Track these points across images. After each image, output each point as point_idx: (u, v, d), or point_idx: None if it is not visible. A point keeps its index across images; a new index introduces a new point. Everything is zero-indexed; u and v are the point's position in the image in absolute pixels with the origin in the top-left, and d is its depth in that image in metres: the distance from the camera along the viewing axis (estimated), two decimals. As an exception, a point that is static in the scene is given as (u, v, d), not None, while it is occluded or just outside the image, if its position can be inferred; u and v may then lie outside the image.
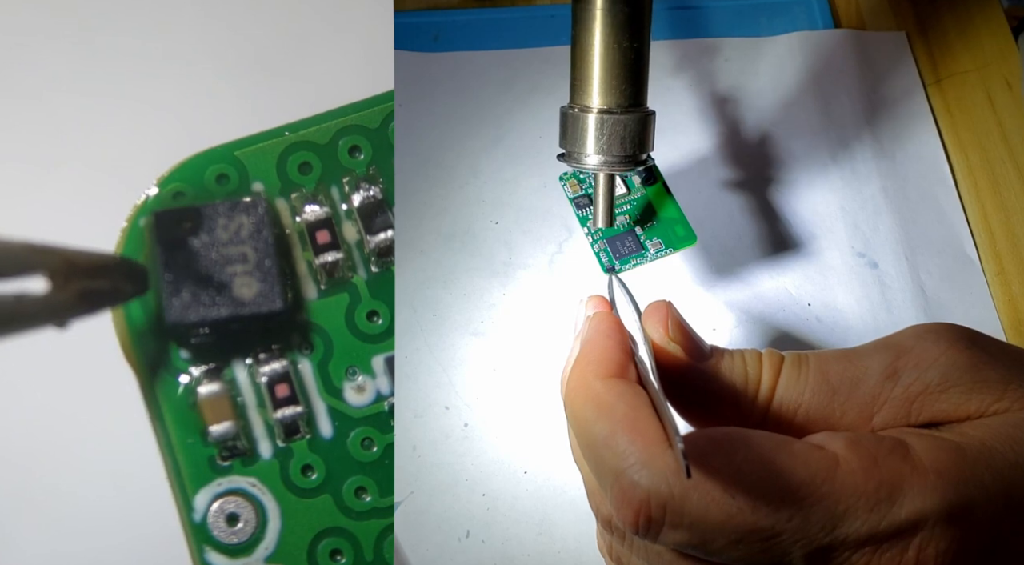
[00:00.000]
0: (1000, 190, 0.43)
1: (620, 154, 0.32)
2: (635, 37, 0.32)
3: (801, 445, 0.24)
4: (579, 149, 0.33)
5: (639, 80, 0.32)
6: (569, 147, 0.33)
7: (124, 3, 0.37)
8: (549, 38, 0.48)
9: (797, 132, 0.44)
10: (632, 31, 0.31)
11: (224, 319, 0.29)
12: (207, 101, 0.37)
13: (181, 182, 0.30)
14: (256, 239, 0.29)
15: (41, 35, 0.36)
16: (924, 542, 0.23)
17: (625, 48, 0.31)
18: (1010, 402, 0.25)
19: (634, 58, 0.32)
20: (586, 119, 0.32)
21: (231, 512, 0.29)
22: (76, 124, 0.36)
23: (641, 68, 0.32)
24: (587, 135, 0.32)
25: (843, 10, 0.49)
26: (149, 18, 0.37)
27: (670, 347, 0.27)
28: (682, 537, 0.24)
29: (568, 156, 0.33)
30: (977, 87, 0.45)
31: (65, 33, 0.37)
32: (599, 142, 0.32)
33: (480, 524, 0.36)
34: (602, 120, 0.32)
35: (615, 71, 0.32)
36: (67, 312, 0.26)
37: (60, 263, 0.25)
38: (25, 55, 0.36)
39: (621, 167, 0.33)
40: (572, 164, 0.33)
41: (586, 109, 0.32)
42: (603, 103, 0.32)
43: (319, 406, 0.30)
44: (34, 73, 0.36)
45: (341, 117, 0.31)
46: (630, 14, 0.31)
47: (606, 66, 0.32)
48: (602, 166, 0.33)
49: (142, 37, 0.37)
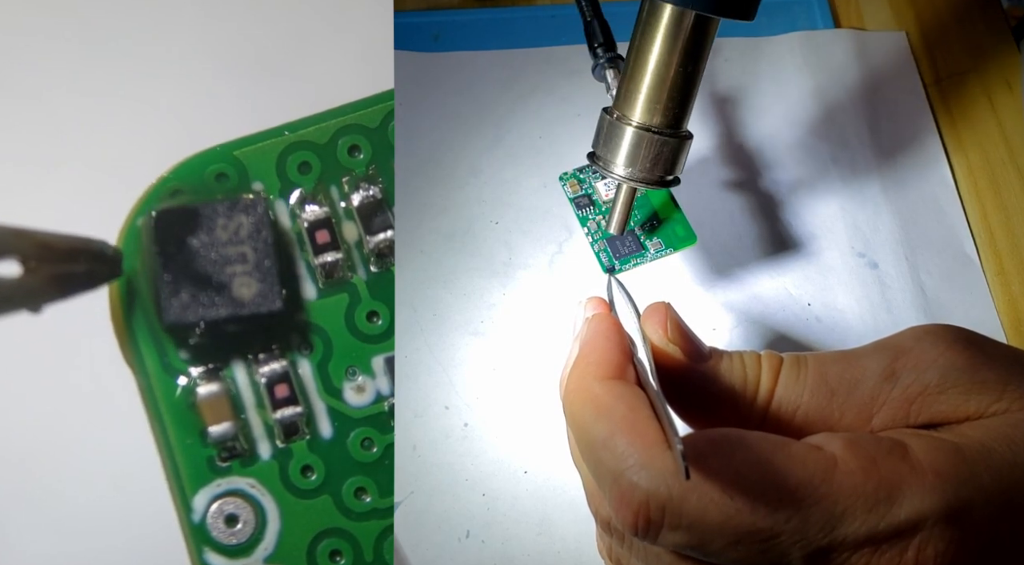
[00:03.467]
0: (1000, 190, 0.43)
1: (650, 172, 0.32)
2: (694, 62, 0.31)
3: (799, 446, 0.24)
4: (611, 157, 0.32)
5: (686, 105, 0.32)
6: (601, 151, 0.33)
7: (124, 3, 0.37)
8: (549, 38, 0.47)
9: (797, 132, 0.44)
10: (693, 56, 0.31)
11: (223, 319, 0.29)
12: (207, 101, 0.37)
13: (180, 182, 0.30)
14: (255, 239, 0.29)
15: (41, 35, 0.36)
16: (923, 543, 0.23)
17: (680, 72, 0.31)
18: (1008, 403, 0.25)
19: (687, 83, 0.31)
20: (625, 130, 0.32)
21: (230, 513, 0.29)
22: (76, 124, 0.36)
23: (691, 94, 0.32)
24: (622, 146, 0.32)
25: (843, 10, 0.49)
26: (149, 18, 0.37)
27: (669, 349, 0.27)
28: (681, 538, 0.24)
29: (597, 159, 0.33)
30: (977, 87, 0.45)
31: (65, 33, 0.37)
32: (632, 156, 0.32)
33: (480, 524, 0.36)
34: (640, 136, 0.32)
35: (665, 92, 0.31)
36: (41, 296, 0.25)
37: (33, 247, 0.25)
38: (25, 55, 0.36)
39: (648, 185, 0.33)
40: (600, 168, 0.33)
41: (627, 120, 0.32)
42: (645, 119, 0.32)
43: (319, 406, 0.30)
44: (34, 73, 0.36)
45: (340, 117, 0.30)
46: (696, 40, 0.31)
47: (657, 84, 0.31)
48: (629, 179, 0.32)
49: (142, 37, 0.37)
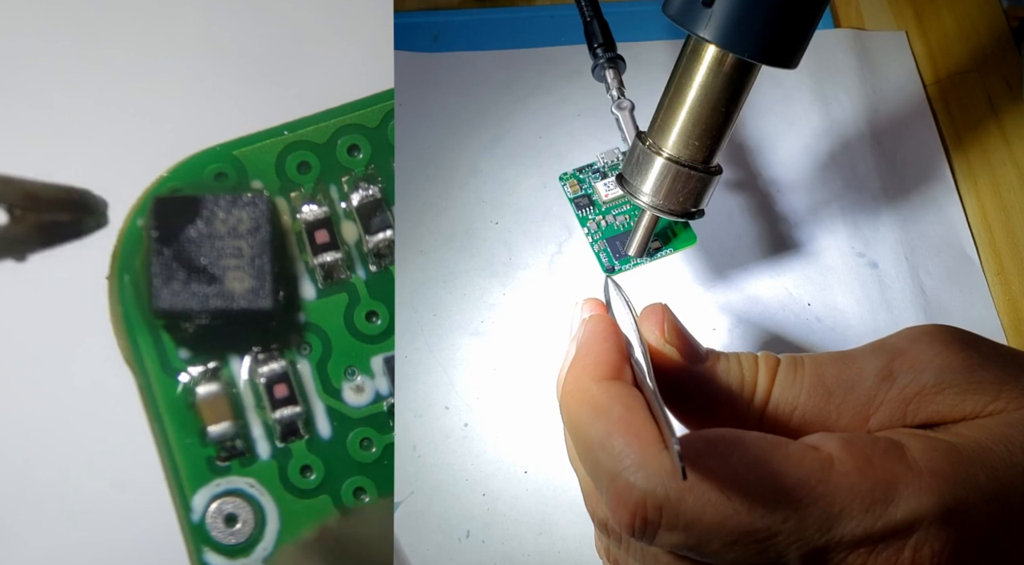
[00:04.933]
0: (1000, 190, 0.43)
1: (674, 204, 0.32)
2: (732, 103, 0.31)
3: (796, 446, 0.24)
4: (638, 183, 0.33)
5: (719, 142, 0.32)
6: (629, 176, 0.33)
7: (124, 3, 0.37)
8: (549, 38, 0.47)
9: (797, 132, 0.44)
10: (731, 98, 0.31)
11: (212, 311, 0.28)
12: (207, 101, 0.37)
13: (180, 181, 0.30)
14: (253, 236, 0.29)
15: (41, 35, 0.36)
16: (920, 542, 0.23)
17: (718, 110, 0.31)
18: (1005, 403, 0.26)
19: (723, 121, 0.31)
20: (655, 160, 0.32)
21: (229, 513, 0.29)
22: (75, 124, 0.36)
23: (725, 133, 0.32)
24: (650, 175, 0.32)
25: (843, 10, 0.49)
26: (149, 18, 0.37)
27: (666, 350, 0.27)
28: (678, 539, 0.24)
29: (625, 183, 0.33)
30: (977, 87, 0.45)
31: (65, 33, 0.37)
32: (659, 186, 0.32)
33: (480, 524, 0.36)
34: (669, 168, 0.32)
35: (701, 128, 0.31)
36: (26, 244, 0.25)
37: (19, 195, 0.25)
38: (25, 55, 0.36)
39: (672, 216, 0.33)
40: (626, 192, 0.33)
41: (658, 150, 0.32)
42: (676, 152, 0.32)
43: (318, 406, 0.30)
44: (33, 73, 0.36)
45: (340, 116, 0.31)
46: (736, 84, 0.31)
47: (693, 120, 0.31)
48: (653, 208, 0.33)
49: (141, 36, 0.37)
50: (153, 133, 0.36)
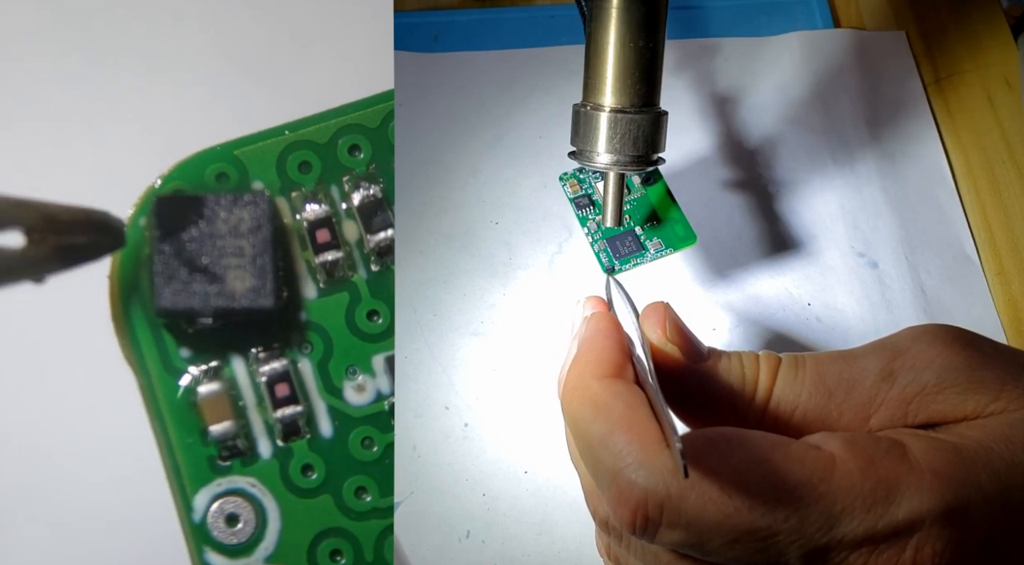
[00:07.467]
0: (1000, 190, 0.43)
1: (632, 154, 0.32)
2: (650, 36, 0.31)
3: (798, 445, 0.24)
4: (590, 148, 0.32)
5: (653, 79, 0.32)
6: (580, 145, 0.33)
7: (125, 2, 0.37)
8: (549, 38, 0.48)
9: (797, 132, 0.44)
10: (648, 30, 0.31)
11: (214, 311, 0.29)
12: (207, 100, 0.37)
13: (181, 181, 0.30)
14: (254, 235, 0.29)
15: (41, 35, 0.37)
16: (921, 542, 0.23)
17: (640, 47, 0.31)
18: (1006, 402, 0.26)
19: (649, 57, 0.32)
20: (598, 118, 0.32)
21: (231, 512, 0.29)
22: (76, 123, 0.36)
23: (655, 67, 0.32)
24: (599, 134, 0.32)
25: (843, 10, 0.49)
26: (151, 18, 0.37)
27: (668, 348, 0.27)
28: (679, 537, 0.24)
29: (579, 154, 0.33)
30: (977, 87, 0.45)
31: (65, 33, 0.37)
32: (611, 141, 0.32)
33: (480, 524, 0.36)
34: (615, 119, 0.32)
35: (629, 70, 0.31)
36: (44, 266, 0.25)
37: (36, 217, 0.25)
38: (25, 55, 0.36)
39: (632, 167, 0.32)
40: (583, 162, 0.33)
41: (599, 107, 0.32)
42: (616, 102, 0.32)
43: (319, 406, 0.30)
44: (34, 72, 0.36)
45: (341, 116, 0.31)
46: (647, 13, 0.31)
47: (620, 65, 0.32)
48: (613, 165, 0.32)
49: (142, 36, 0.37)
50: (154, 133, 0.36)
